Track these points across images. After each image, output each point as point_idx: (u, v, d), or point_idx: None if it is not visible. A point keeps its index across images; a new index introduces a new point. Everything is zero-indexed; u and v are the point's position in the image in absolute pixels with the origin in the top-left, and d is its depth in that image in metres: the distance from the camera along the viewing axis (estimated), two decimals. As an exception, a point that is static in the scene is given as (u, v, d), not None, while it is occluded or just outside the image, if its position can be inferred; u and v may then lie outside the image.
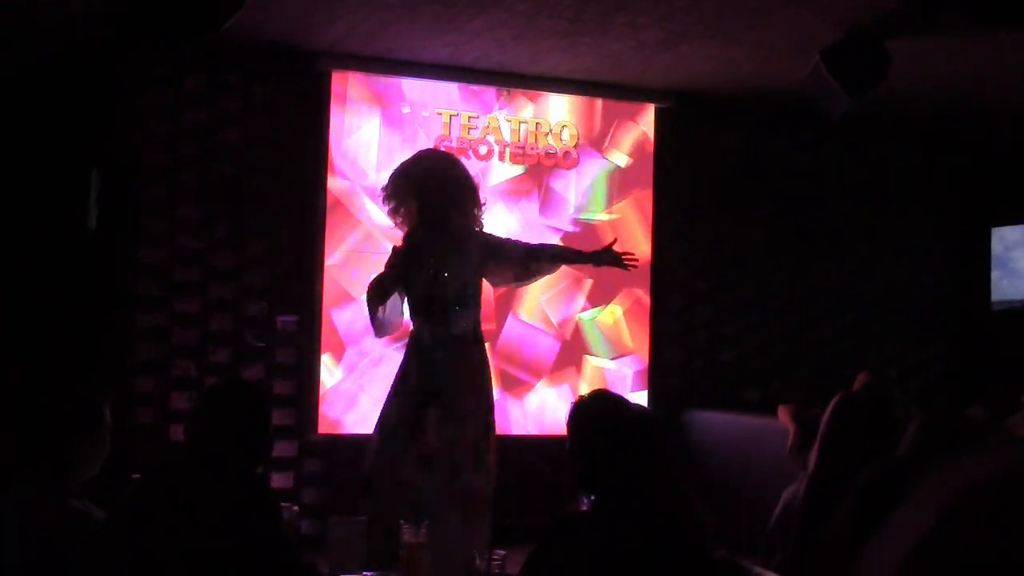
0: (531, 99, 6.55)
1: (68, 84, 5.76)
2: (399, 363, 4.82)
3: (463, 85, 6.39)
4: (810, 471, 3.65)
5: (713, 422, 6.43)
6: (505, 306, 6.42)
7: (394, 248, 4.87)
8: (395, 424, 4.65)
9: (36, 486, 2.70)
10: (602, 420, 2.76)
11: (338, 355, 6.16)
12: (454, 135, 6.39)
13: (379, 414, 4.77)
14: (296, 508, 3.49)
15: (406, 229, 4.79)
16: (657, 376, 6.75)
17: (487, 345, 4.92)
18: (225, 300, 6.01)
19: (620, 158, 6.74)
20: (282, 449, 5.98)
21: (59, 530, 2.62)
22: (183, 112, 5.96)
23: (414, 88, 6.32)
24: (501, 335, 6.43)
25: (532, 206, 6.53)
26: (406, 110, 6.33)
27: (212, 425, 2.78)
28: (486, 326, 5.15)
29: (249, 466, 2.80)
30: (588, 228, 6.60)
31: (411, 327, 4.82)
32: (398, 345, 5.45)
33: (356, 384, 6.17)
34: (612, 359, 6.68)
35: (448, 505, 4.50)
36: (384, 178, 4.96)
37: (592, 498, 2.78)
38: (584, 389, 6.30)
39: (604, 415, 2.78)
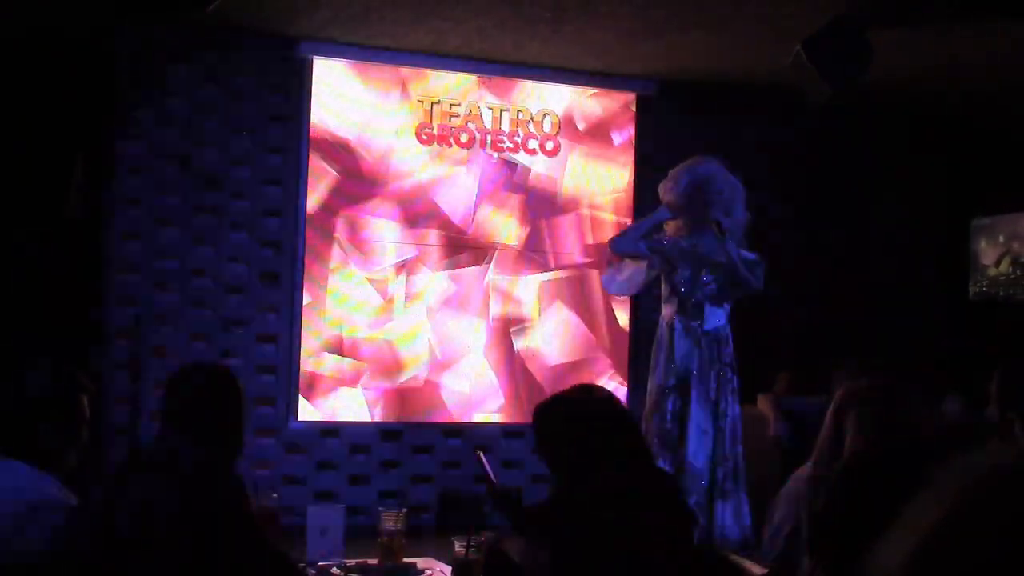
0: (513, 87, 6.54)
1: (47, 71, 5.70)
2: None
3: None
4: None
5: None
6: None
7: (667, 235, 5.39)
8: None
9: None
10: (569, 409, 2.76)
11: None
12: (435, 123, 6.36)
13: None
14: (276, 495, 3.49)
15: (676, 223, 5.36)
16: (635, 367, 6.75)
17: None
18: (205, 291, 5.96)
19: (601, 146, 6.73)
20: (263, 440, 5.96)
21: (32, 516, 2.60)
22: (163, 100, 5.91)
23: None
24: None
25: (514, 196, 6.53)
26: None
27: (182, 409, 2.71)
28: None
29: (221, 452, 2.70)
30: (569, 217, 6.62)
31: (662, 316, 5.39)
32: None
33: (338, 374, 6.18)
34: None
35: None
36: None
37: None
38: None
39: (570, 404, 2.78)
